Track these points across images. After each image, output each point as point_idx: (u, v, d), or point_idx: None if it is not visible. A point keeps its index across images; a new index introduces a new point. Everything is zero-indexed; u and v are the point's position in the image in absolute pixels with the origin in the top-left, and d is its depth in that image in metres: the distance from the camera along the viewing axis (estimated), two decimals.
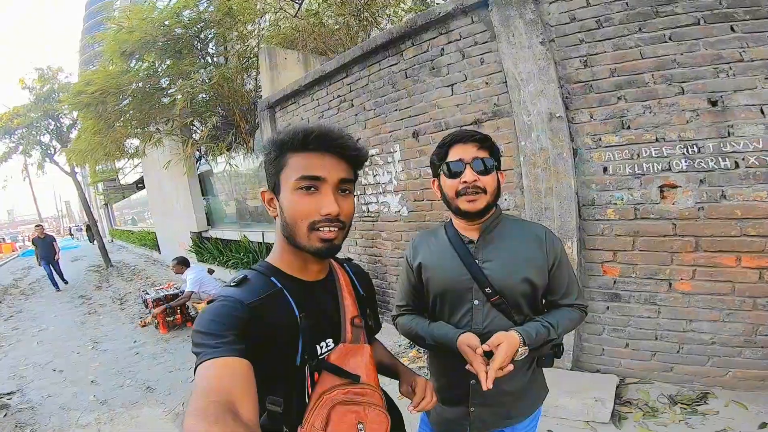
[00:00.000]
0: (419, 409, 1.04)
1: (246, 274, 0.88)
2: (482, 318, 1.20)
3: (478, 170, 1.14)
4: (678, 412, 2.34)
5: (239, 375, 0.69)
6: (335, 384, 0.86)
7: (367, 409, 0.87)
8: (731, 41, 2.16)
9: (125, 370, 4.25)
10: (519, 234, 1.23)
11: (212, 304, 0.81)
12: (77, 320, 6.57)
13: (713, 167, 2.25)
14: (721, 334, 2.39)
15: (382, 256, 4.06)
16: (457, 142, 1.18)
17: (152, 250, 14.33)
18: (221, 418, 0.58)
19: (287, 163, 0.85)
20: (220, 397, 0.63)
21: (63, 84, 12.13)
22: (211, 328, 0.75)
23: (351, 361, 0.91)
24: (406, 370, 1.17)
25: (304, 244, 0.85)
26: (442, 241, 1.28)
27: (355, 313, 0.97)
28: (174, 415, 3.21)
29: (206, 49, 7.67)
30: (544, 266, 1.20)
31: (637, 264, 2.54)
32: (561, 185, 2.62)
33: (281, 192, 0.86)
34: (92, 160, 9.25)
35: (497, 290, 1.18)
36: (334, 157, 0.85)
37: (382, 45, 3.50)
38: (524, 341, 1.12)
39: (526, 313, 1.22)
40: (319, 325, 0.90)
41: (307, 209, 0.83)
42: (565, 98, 2.59)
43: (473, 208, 1.16)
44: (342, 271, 1.04)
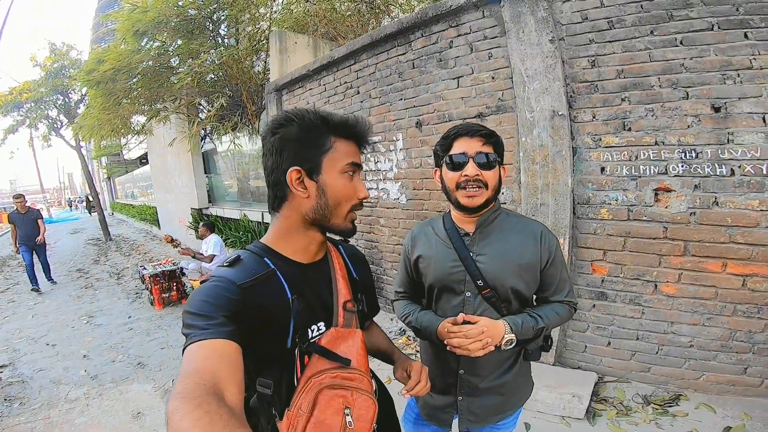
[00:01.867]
0: (413, 393, 1.05)
1: (239, 254, 0.89)
2: (473, 310, 1.22)
3: (481, 165, 1.15)
4: (650, 412, 2.40)
5: (226, 358, 0.69)
6: (324, 368, 0.86)
7: (355, 394, 0.88)
8: (743, 48, 2.16)
9: (118, 345, 4.27)
10: (516, 230, 1.25)
11: (204, 284, 0.81)
12: (73, 294, 6.60)
13: (709, 173, 2.28)
14: (700, 338, 2.45)
15: (378, 242, 4.11)
16: (462, 135, 1.18)
17: (152, 225, 14.35)
18: (205, 401, 0.58)
19: (334, 146, 0.88)
20: (205, 379, 0.63)
21: (73, 60, 12.15)
22: (202, 309, 0.75)
23: (342, 346, 0.91)
24: (401, 356, 1.18)
25: (339, 224, 0.91)
26: (439, 232, 1.30)
27: (348, 297, 0.98)
28: (163, 391, 3.25)
29: (218, 30, 7.63)
30: (537, 264, 1.22)
31: (625, 264, 2.58)
32: (558, 182, 2.66)
33: (323, 173, 0.87)
34: (98, 136, 9.19)
35: (489, 283, 1.20)
36: (357, 146, 0.94)
37: (391, 34, 3.52)
38: (511, 329, 1.16)
39: (516, 307, 1.24)
40: (312, 308, 0.90)
41: (352, 192, 0.90)
42: (570, 97, 2.61)
43: (472, 204, 1.17)
44: (337, 254, 1.05)
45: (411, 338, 3.56)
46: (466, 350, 1.12)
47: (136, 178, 19.85)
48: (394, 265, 3.96)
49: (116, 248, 11.38)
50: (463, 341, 1.12)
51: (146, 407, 3.03)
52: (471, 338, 1.12)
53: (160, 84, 7.43)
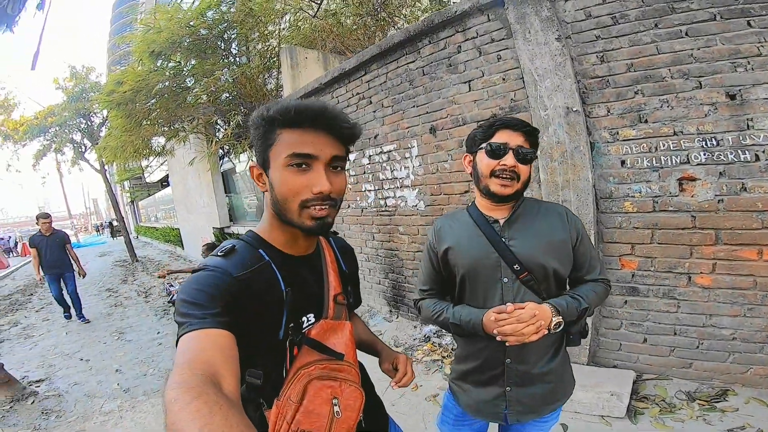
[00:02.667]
0: (401, 384, 1.07)
1: (234, 244, 0.88)
2: (512, 295, 1.21)
3: (519, 158, 1.18)
4: (696, 408, 2.31)
5: (223, 347, 0.68)
6: (313, 359, 0.87)
7: (343, 385, 0.89)
8: (748, 36, 2.15)
9: (148, 359, 4.38)
10: (541, 212, 1.27)
11: (199, 273, 0.80)
12: (104, 312, 6.79)
13: (733, 160, 2.23)
14: (743, 330, 2.35)
15: (399, 250, 4.12)
16: (506, 127, 1.20)
17: (176, 246, 14.68)
18: (204, 391, 0.57)
19: (277, 138, 0.83)
20: (203, 369, 0.62)
21: (93, 83, 12.49)
22: (198, 298, 0.74)
23: (332, 338, 0.92)
24: (385, 348, 1.19)
25: (294, 220, 0.84)
26: (465, 223, 1.30)
27: (339, 290, 0.98)
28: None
29: (229, 49, 7.84)
30: (568, 242, 1.24)
31: (655, 257, 2.52)
32: (578, 178, 2.63)
33: (271, 168, 0.84)
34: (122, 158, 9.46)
35: (525, 266, 1.19)
36: (327, 135, 0.83)
37: (399, 43, 3.56)
38: (557, 311, 1.15)
39: (554, 289, 1.24)
40: (303, 300, 0.91)
41: (298, 187, 0.82)
42: (582, 93, 2.60)
43: (504, 192, 1.19)
44: (328, 247, 1.05)
45: (436, 344, 3.53)
46: (520, 335, 1.09)
47: (158, 201, 20.29)
48: (415, 272, 3.96)
49: (142, 269, 11.71)
50: (517, 326, 1.09)
51: None
52: (524, 322, 1.09)
53: (177, 104, 7.63)
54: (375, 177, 4.26)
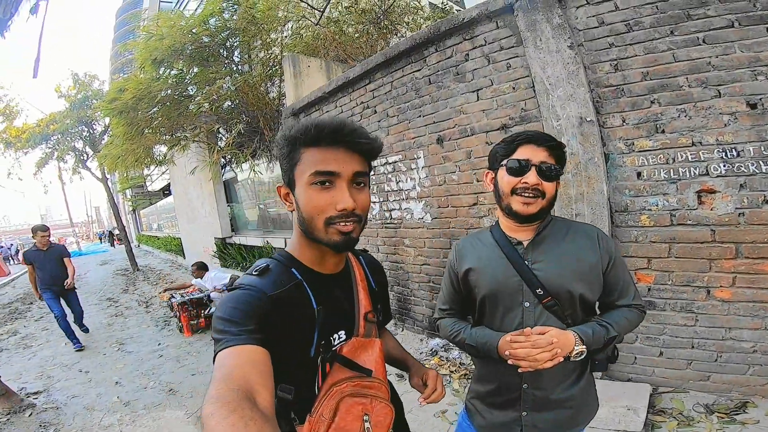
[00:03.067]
0: (430, 401, 1.07)
1: (267, 263, 0.89)
2: (533, 320, 1.16)
3: (543, 175, 1.12)
4: (715, 421, 2.26)
5: (258, 363, 0.70)
6: (345, 376, 0.88)
7: (374, 402, 0.90)
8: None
9: (149, 372, 4.32)
10: (570, 234, 1.20)
11: (235, 292, 0.82)
12: (104, 322, 6.73)
13: (754, 171, 2.16)
14: (763, 342, 2.30)
15: (404, 263, 4.04)
16: (529, 142, 1.14)
17: (177, 255, 14.64)
18: (239, 406, 0.59)
19: (301, 158, 0.85)
20: (239, 384, 0.64)
21: (96, 91, 12.52)
22: (234, 315, 0.76)
23: (362, 355, 0.94)
24: (415, 363, 1.20)
25: (321, 237, 0.85)
26: (488, 244, 1.26)
27: (369, 308, 0.99)
28: (195, 417, 3.24)
29: (231, 57, 7.84)
30: (598, 267, 1.17)
31: (673, 271, 2.46)
32: (593, 191, 2.56)
33: (296, 187, 0.87)
34: (123, 166, 9.46)
35: (549, 291, 1.14)
36: (347, 151, 0.84)
37: (405, 51, 3.52)
38: (582, 340, 1.09)
39: (580, 315, 1.18)
40: (334, 318, 0.92)
41: (323, 204, 0.83)
42: (596, 102, 2.54)
43: (526, 211, 1.13)
44: (358, 265, 1.06)
45: (443, 359, 3.45)
46: (533, 361, 1.06)
47: (160, 210, 20.33)
48: (421, 285, 3.89)
49: (144, 278, 11.66)
50: (530, 351, 1.06)
51: None
52: (539, 348, 1.05)
53: (179, 112, 7.62)
54: (380, 188, 4.20)
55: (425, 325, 3.92)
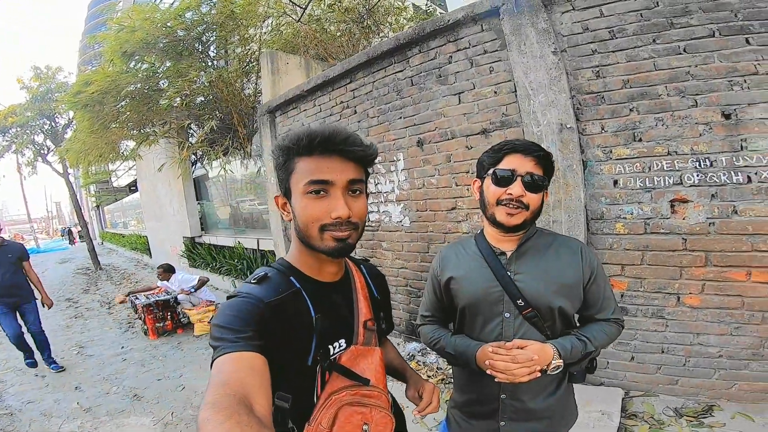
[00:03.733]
0: (424, 413, 1.08)
1: (266, 271, 0.90)
2: (513, 331, 1.16)
3: (528, 186, 1.11)
4: (684, 424, 2.33)
5: (256, 370, 0.70)
6: (344, 385, 0.88)
7: (374, 411, 0.90)
8: (746, 54, 2.15)
9: (111, 376, 4.12)
10: (553, 248, 1.21)
11: (233, 300, 0.83)
12: (62, 324, 6.38)
13: (725, 181, 2.23)
14: (729, 348, 2.38)
15: (381, 266, 3.98)
16: (516, 151, 1.13)
17: (143, 254, 14.13)
18: (236, 412, 0.59)
19: (295, 168, 0.86)
20: (235, 390, 0.64)
21: (60, 83, 12.06)
22: (232, 322, 0.76)
23: (362, 364, 0.93)
24: (413, 374, 1.20)
25: (317, 245, 0.86)
26: (471, 252, 1.25)
27: (369, 316, 0.99)
28: (163, 424, 3.10)
29: (207, 52, 7.63)
30: (580, 281, 1.18)
31: (645, 278, 2.52)
32: (570, 198, 2.58)
33: (292, 197, 0.87)
34: (86, 161, 9.05)
35: (530, 303, 1.14)
36: (341, 159, 0.85)
37: (388, 51, 3.47)
38: (559, 354, 1.10)
39: (559, 327, 1.19)
40: (333, 326, 0.92)
41: (318, 213, 0.84)
42: (576, 109, 2.56)
43: (509, 222, 1.13)
44: (358, 273, 1.06)
45: (420, 363, 3.41)
46: (511, 375, 1.07)
47: (126, 206, 19.61)
48: (398, 289, 3.85)
49: (106, 277, 11.16)
50: (509, 365, 1.07)
51: None
52: (518, 363, 1.06)
53: (149, 107, 7.38)
54: None
55: (402, 329, 3.87)
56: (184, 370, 4.15)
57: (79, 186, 18.64)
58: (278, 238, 5.37)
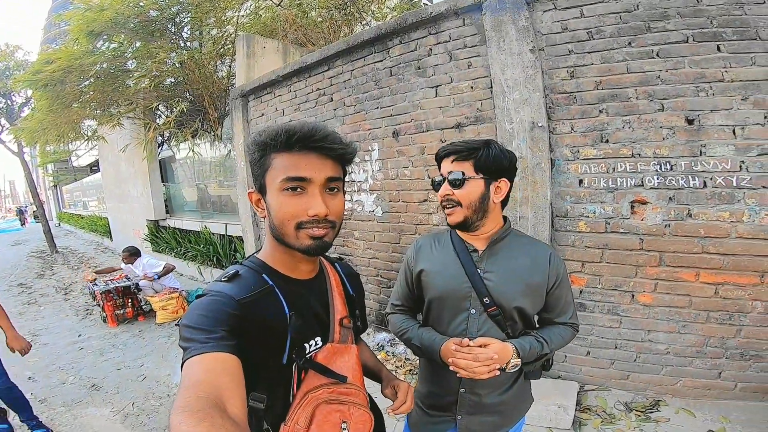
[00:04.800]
0: (398, 412, 1.07)
1: (237, 269, 0.88)
2: (477, 327, 1.21)
3: (452, 184, 1.17)
4: (633, 419, 2.43)
5: (228, 371, 0.68)
6: (321, 383, 0.87)
7: (352, 409, 0.89)
8: (716, 60, 2.21)
9: (68, 366, 3.95)
10: (524, 250, 1.25)
11: (202, 299, 0.80)
12: (14, 311, 5.97)
13: (683, 185, 2.32)
14: (675, 345, 2.50)
15: (353, 255, 3.98)
16: (442, 156, 1.22)
17: (104, 236, 13.53)
18: (209, 414, 0.57)
19: (272, 164, 0.83)
20: (207, 392, 0.62)
21: (19, 62, 11.49)
22: (201, 323, 0.74)
23: (338, 361, 0.92)
24: (388, 374, 1.20)
25: (293, 243, 0.84)
26: (446, 247, 1.29)
27: (345, 314, 0.98)
28: (123, 415, 3.00)
29: (180, 33, 7.31)
30: (544, 285, 1.22)
31: (603, 275, 2.60)
32: (537, 195, 2.64)
33: (267, 193, 0.85)
34: (43, 140, 8.55)
35: (495, 301, 1.19)
36: (319, 156, 0.83)
37: (368, 41, 3.43)
38: (518, 353, 1.15)
39: (520, 326, 1.24)
40: (308, 324, 0.90)
41: (294, 210, 0.82)
42: (549, 108, 2.61)
43: (451, 221, 1.21)
44: (333, 271, 1.05)
45: (390, 354, 3.43)
46: (471, 373, 1.10)
47: (86, 186, 18.68)
48: (369, 279, 3.85)
49: (63, 261, 10.60)
50: (471, 363, 1.10)
51: None
52: (480, 362, 1.10)
53: (114, 88, 7.03)
54: None
55: (372, 319, 3.88)
56: (145, 359, 4.02)
57: (36, 164, 17.66)
58: (247, 224, 5.26)
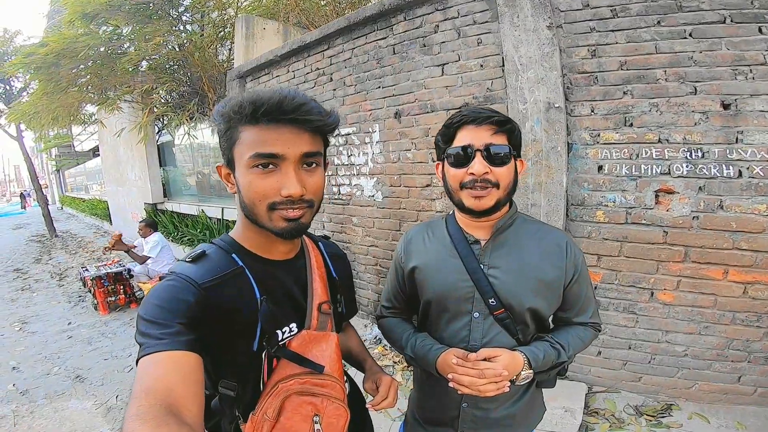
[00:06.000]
0: (379, 408, 0.99)
1: (204, 249, 0.82)
2: (481, 334, 1.02)
3: (491, 160, 0.92)
4: (643, 424, 2.33)
5: (183, 371, 0.63)
6: (293, 372, 0.81)
7: (326, 402, 0.83)
8: (757, 43, 2.04)
9: (54, 355, 3.84)
10: (536, 239, 1.04)
11: (160, 284, 0.74)
12: (6, 297, 5.95)
13: (715, 174, 2.14)
14: (695, 347, 2.36)
15: (351, 243, 3.81)
16: (468, 122, 0.95)
17: (103, 220, 13.52)
18: (164, 422, 0.55)
19: (239, 137, 0.75)
20: (161, 398, 0.58)
21: (18, 47, 11.26)
22: (157, 315, 0.68)
23: (314, 350, 0.85)
24: (373, 365, 1.10)
25: (265, 224, 0.77)
26: (441, 238, 1.08)
27: (325, 299, 0.91)
28: (106, 408, 2.89)
29: (180, 17, 7.13)
30: (561, 280, 1.02)
31: (620, 271, 2.44)
32: (552, 181, 2.44)
33: (236, 168, 0.77)
34: (37, 124, 8.46)
35: (503, 303, 0.99)
36: (293, 129, 0.74)
37: (371, 17, 3.22)
38: (530, 364, 0.97)
39: (532, 331, 1.05)
40: (282, 309, 0.84)
41: (265, 190, 0.74)
42: (567, 88, 2.41)
43: (479, 207, 0.95)
44: (315, 251, 0.96)
45: (387, 348, 3.28)
46: (476, 391, 0.93)
47: (88, 171, 18.79)
48: (368, 268, 3.68)
49: (62, 245, 10.51)
50: (475, 381, 0.92)
51: (86, 427, 2.69)
52: (487, 378, 0.91)
53: (110, 71, 6.87)
54: (330, 162, 3.90)
55: (371, 310, 3.73)
56: (133, 349, 3.84)
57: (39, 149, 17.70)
58: None
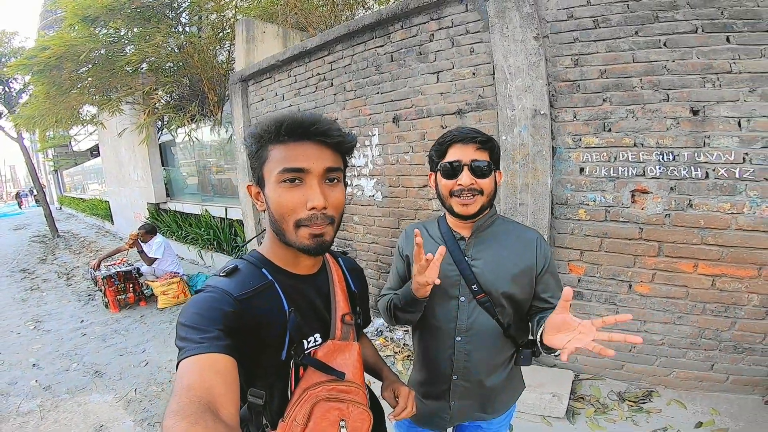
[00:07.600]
0: (399, 418, 1.05)
1: (237, 264, 0.87)
2: (467, 314, 1.23)
3: (476, 172, 1.14)
4: (626, 409, 2.46)
5: (222, 373, 0.67)
6: (320, 380, 0.85)
7: (351, 407, 0.88)
8: (724, 52, 2.18)
9: (71, 352, 3.96)
10: (512, 236, 1.25)
11: (199, 295, 0.79)
12: (17, 297, 6.02)
13: (685, 176, 2.31)
14: (671, 336, 2.51)
15: (352, 240, 3.99)
16: (457, 141, 1.16)
17: (104, 220, 13.53)
18: (201, 418, 0.57)
19: (269, 156, 0.82)
20: (200, 396, 0.62)
21: (16, 48, 11.24)
22: (197, 322, 0.73)
23: (338, 358, 0.90)
24: (390, 374, 1.18)
25: (292, 241, 0.83)
26: (434, 235, 1.29)
27: (346, 310, 0.97)
28: (126, 401, 3.02)
29: (179, 19, 7.21)
30: (533, 270, 1.23)
31: (601, 264, 2.61)
32: (537, 182, 2.63)
33: (266, 186, 0.84)
34: (42, 126, 8.50)
35: (483, 288, 1.20)
36: (316, 146, 0.81)
37: (369, 25, 3.38)
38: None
39: (510, 312, 1.24)
40: (308, 320, 0.89)
41: (293, 203, 0.80)
42: (551, 96, 2.58)
43: (466, 212, 1.16)
44: (336, 266, 1.03)
45: (388, 339, 3.47)
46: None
47: (87, 170, 18.65)
48: (369, 264, 3.86)
49: (65, 246, 10.57)
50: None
51: (109, 419, 2.81)
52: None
53: (111, 73, 6.96)
54: None
55: (371, 304, 3.88)
56: (147, 344, 4.04)
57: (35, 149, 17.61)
58: (247, 208, 5.26)
